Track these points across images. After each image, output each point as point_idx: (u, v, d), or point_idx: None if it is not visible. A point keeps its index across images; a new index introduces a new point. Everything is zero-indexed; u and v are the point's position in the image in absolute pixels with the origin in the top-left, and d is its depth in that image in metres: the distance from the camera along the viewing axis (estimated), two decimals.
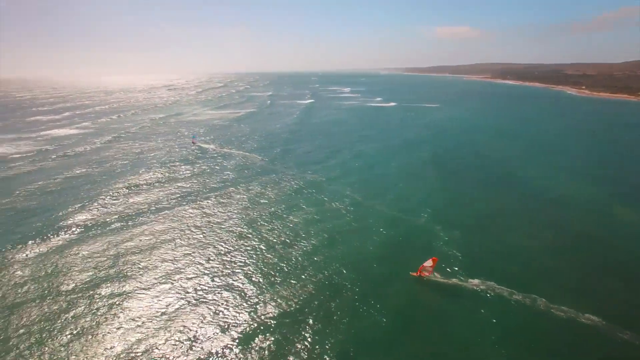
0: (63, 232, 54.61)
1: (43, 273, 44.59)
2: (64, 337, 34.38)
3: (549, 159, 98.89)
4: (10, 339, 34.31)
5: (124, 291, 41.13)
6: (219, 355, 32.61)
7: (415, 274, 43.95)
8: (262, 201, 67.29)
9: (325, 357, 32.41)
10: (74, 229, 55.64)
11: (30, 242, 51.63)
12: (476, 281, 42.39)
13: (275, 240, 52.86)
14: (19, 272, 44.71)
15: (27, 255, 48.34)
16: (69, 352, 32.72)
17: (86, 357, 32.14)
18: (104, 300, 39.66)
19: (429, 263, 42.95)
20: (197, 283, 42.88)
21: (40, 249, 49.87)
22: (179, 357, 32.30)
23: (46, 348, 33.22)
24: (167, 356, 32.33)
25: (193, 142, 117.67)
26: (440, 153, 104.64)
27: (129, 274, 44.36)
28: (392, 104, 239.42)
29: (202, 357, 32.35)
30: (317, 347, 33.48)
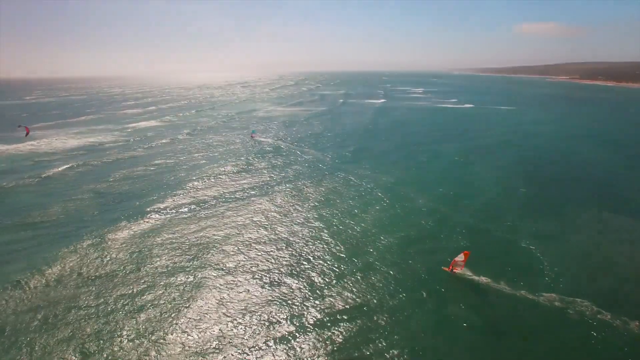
0: (146, 217, 57.56)
1: (127, 253, 47.16)
2: (143, 314, 36.08)
3: None
4: (99, 310, 36.55)
5: (198, 278, 42.14)
6: (287, 343, 32.47)
7: (447, 269, 42.28)
8: (333, 198, 65.91)
9: (392, 355, 31.20)
10: (155, 215, 58.48)
11: (119, 224, 54.93)
12: (554, 295, 38.53)
13: (345, 238, 51.41)
14: (108, 251, 47.66)
15: (115, 236, 51.39)
16: (148, 327, 34.12)
17: (162, 333, 33.41)
18: (180, 285, 40.86)
19: (460, 257, 41.23)
20: (268, 274, 42.94)
21: (127, 232, 52.87)
22: (245, 343, 32.35)
23: (127, 321, 35.07)
24: (234, 341, 32.71)
25: (252, 137, 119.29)
26: (527, 159, 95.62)
27: (203, 261, 45.50)
28: (468, 105, 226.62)
29: (271, 345, 32.45)
30: (383, 343, 32.61)
